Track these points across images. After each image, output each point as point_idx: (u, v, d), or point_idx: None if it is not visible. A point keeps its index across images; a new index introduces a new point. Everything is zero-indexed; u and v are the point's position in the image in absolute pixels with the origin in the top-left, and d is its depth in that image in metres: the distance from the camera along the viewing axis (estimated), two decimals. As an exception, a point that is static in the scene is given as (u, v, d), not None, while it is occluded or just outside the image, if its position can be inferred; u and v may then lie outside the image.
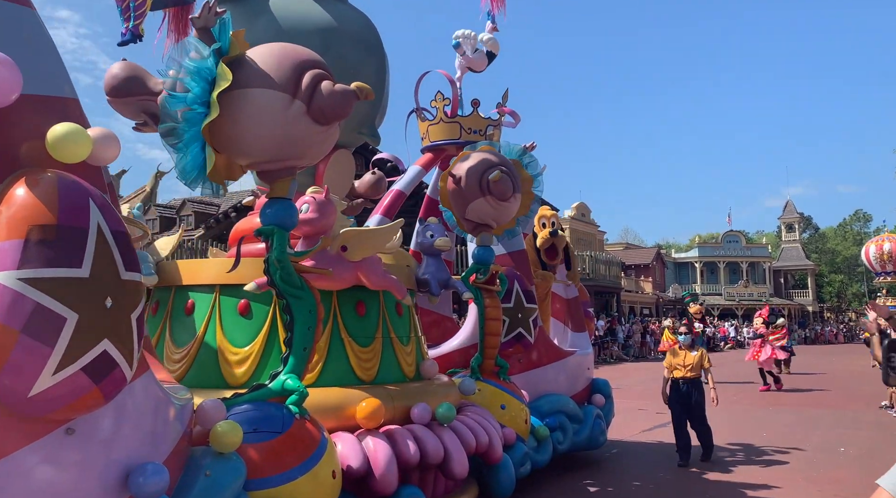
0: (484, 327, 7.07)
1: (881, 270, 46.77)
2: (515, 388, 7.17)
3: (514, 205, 6.71)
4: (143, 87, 4.12)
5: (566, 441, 7.80)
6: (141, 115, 4.23)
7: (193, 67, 4.07)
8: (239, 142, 4.30)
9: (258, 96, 4.19)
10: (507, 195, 6.55)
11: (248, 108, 4.17)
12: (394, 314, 5.95)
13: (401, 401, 5.50)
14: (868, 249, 47.84)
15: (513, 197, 6.62)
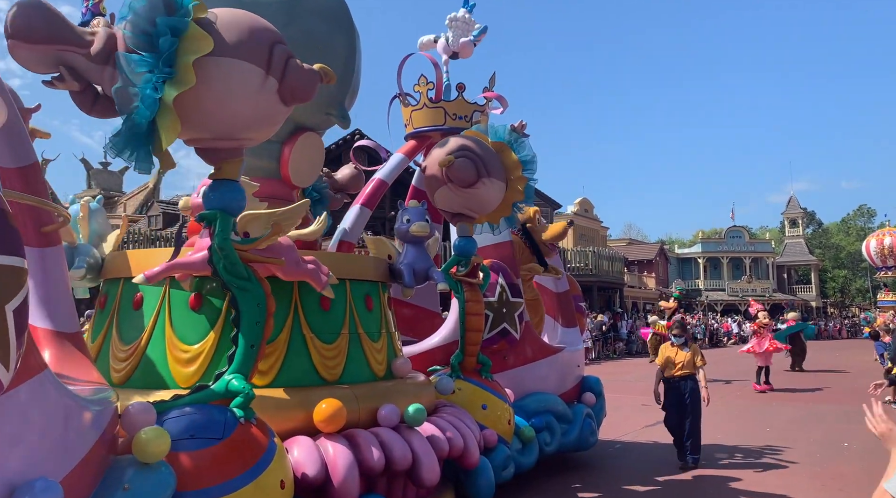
0: (465, 323, 6.58)
1: (882, 265, 45.98)
2: (498, 386, 6.68)
3: (484, 192, 6.15)
4: (68, 36, 3.56)
5: (554, 442, 7.31)
6: (58, 68, 3.66)
7: (165, 25, 3.55)
8: (203, 115, 3.81)
9: (233, 68, 3.76)
10: (469, 181, 6.03)
11: (221, 79, 3.74)
12: (363, 308, 5.46)
13: (367, 402, 5.02)
14: (868, 243, 47.06)
15: (480, 183, 6.08)
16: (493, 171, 6.11)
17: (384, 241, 6.39)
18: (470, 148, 6.08)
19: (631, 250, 53.14)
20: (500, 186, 6.22)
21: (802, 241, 60.70)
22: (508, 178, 6.45)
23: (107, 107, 3.83)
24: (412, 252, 6.12)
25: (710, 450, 8.93)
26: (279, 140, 5.70)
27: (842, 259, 68.46)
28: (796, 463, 8.19)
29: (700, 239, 59.57)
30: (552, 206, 42.27)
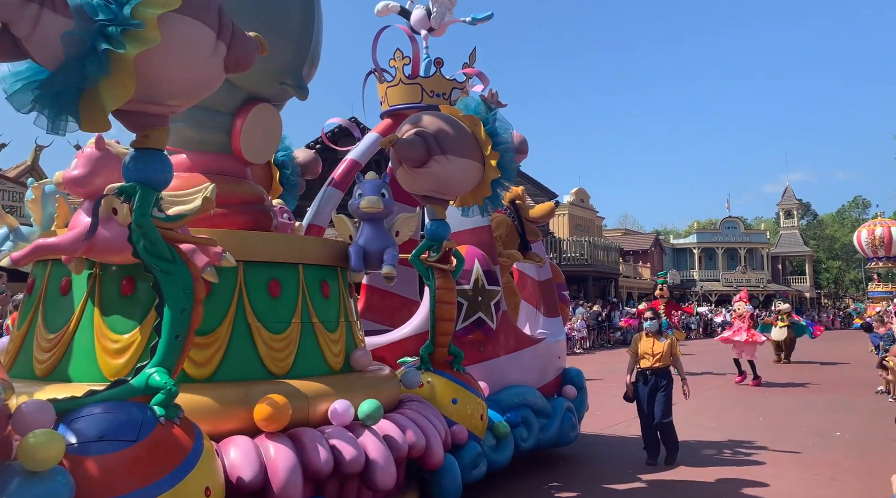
0: (435, 311, 6.07)
1: (873, 256, 45.45)
2: (471, 379, 6.19)
3: (439, 170, 5.57)
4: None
5: (531, 438, 6.82)
6: None
7: None
8: (146, 77, 3.30)
9: (189, 28, 3.34)
10: (416, 160, 5.49)
11: (177, 39, 3.32)
12: (317, 295, 4.95)
13: (318, 398, 4.52)
14: (860, 233, 46.49)
15: (433, 161, 5.54)
16: (452, 149, 5.52)
17: (344, 220, 5.86)
18: (424, 124, 5.57)
19: (626, 240, 52.64)
20: (465, 164, 5.65)
21: (797, 232, 60.16)
22: (485, 156, 5.91)
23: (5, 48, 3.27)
24: (367, 231, 5.50)
25: (702, 439, 8.83)
26: (229, 111, 5.18)
27: (836, 250, 67.93)
28: (789, 452, 8.12)
29: (695, 229, 58.98)
30: (548, 196, 41.60)
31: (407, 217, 5.97)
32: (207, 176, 5.12)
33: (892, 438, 8.84)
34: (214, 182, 5.06)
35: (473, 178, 5.74)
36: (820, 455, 7.98)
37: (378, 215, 5.49)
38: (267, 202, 5.49)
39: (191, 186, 5.02)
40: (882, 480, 6.47)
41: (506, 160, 5.81)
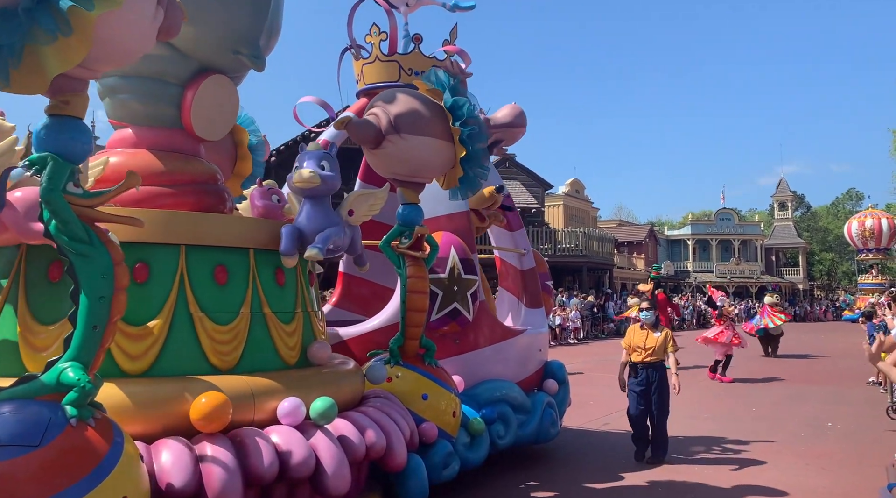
0: (406, 302, 5.64)
1: (863, 247, 45.06)
2: (444, 374, 5.76)
3: (395, 151, 5.13)
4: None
5: (508, 435, 6.40)
6: None
7: None
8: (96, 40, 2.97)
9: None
10: (368, 140, 5.08)
11: None
12: (271, 283, 4.51)
13: (266, 395, 4.09)
14: (850, 225, 46.05)
15: (387, 141, 5.09)
16: (408, 127, 5.06)
17: (293, 199, 5.38)
18: (382, 102, 5.14)
19: (621, 231, 52.20)
20: (425, 143, 5.17)
21: (791, 224, 59.72)
22: None
23: None
24: (307, 210, 4.79)
25: (694, 430, 8.73)
26: (180, 83, 4.71)
27: (829, 242, 67.54)
28: (781, 442, 8.08)
29: (690, 221, 58.41)
30: (543, 187, 41.21)
31: (362, 193, 5.19)
32: (155, 152, 4.69)
33: (884, 428, 8.75)
34: (163, 159, 4.66)
35: (442, 158, 5.27)
36: (812, 445, 7.90)
37: (317, 191, 4.72)
38: (221, 183, 5.03)
39: (137, 165, 4.60)
40: (874, 470, 6.42)
41: (471, 136, 5.22)
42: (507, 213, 7.60)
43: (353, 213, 5.07)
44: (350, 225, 5.01)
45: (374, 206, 5.20)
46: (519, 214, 7.82)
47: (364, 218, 5.22)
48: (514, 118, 6.10)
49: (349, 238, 4.97)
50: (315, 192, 4.73)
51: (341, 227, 4.86)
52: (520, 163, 40.35)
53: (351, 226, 5.02)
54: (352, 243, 5.05)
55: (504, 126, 5.74)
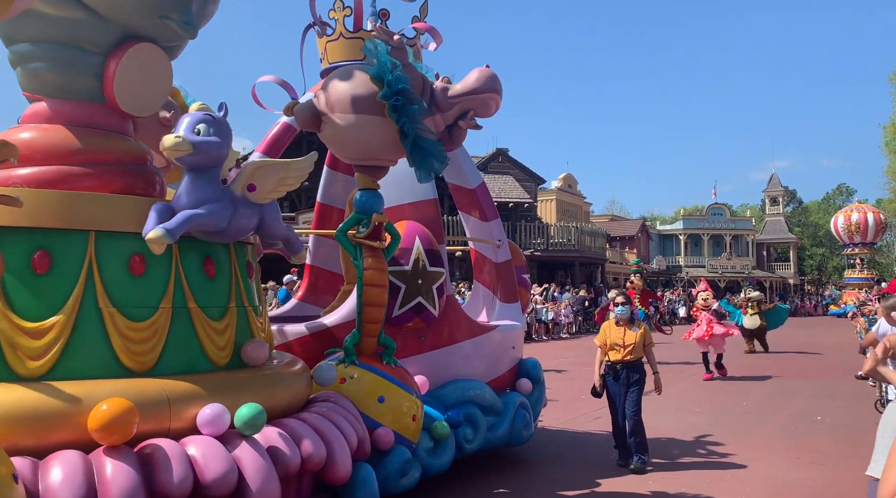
0: (362, 296, 5.10)
1: (849, 242, 44.64)
2: (404, 374, 5.22)
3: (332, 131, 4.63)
4: None
5: (477, 438, 5.87)
6: None
7: None
8: None
9: None
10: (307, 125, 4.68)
11: None
12: (197, 274, 3.96)
13: (185, 401, 3.56)
14: (836, 219, 45.58)
15: (323, 123, 4.58)
16: (341, 105, 4.56)
17: None
18: (329, 80, 4.61)
19: (613, 226, 51.66)
20: (360, 121, 4.59)
21: (782, 219, 59.20)
22: None
23: None
24: (185, 184, 3.99)
25: (684, 424, 8.63)
26: (101, 51, 4.16)
27: (820, 237, 67.08)
28: (771, 436, 7.99)
29: (682, 216, 57.81)
30: (536, 182, 40.69)
31: (263, 164, 4.21)
32: (72, 128, 4.13)
33: (873, 421, 8.33)
34: (81, 136, 4.11)
35: (384, 137, 4.68)
36: (801, 439, 7.80)
37: (193, 161, 3.86)
38: (151, 164, 4.48)
39: (49, 141, 4.06)
40: (863, 463, 6.25)
41: (398, 108, 4.47)
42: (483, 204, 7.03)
43: (256, 188, 4.07)
44: (253, 203, 4.10)
45: (287, 180, 4.21)
46: (494, 204, 7.26)
47: (276, 193, 4.24)
48: (480, 83, 4.74)
49: (250, 219, 4.06)
50: (192, 163, 3.94)
51: (225, 204, 3.91)
52: (512, 157, 39.83)
53: (254, 204, 4.11)
54: (262, 226, 4.19)
55: (469, 94, 4.68)
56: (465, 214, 7.29)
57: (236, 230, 4.01)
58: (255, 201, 4.08)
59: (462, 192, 7.15)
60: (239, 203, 4.00)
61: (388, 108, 4.46)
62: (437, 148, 4.64)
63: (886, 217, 47.80)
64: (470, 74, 4.66)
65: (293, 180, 4.17)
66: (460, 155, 6.99)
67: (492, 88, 4.69)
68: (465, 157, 6.99)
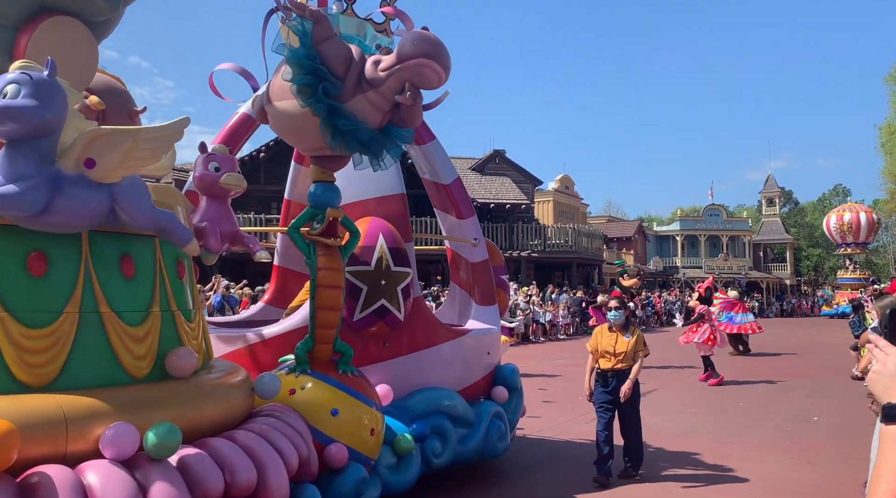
0: (315, 298, 4.60)
1: (841, 241, 44.00)
2: (363, 384, 4.72)
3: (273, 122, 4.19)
4: None
5: (446, 452, 5.36)
6: None
7: None
8: None
9: None
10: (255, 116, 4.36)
11: None
12: (113, 274, 3.44)
13: (86, 420, 3.04)
14: (829, 219, 44.95)
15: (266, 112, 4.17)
16: (277, 92, 4.15)
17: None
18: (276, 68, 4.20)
19: (610, 227, 51.13)
20: (291, 107, 4.14)
21: (779, 219, 58.62)
22: None
23: None
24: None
25: (680, 424, 8.56)
26: (12, 24, 3.67)
27: (816, 238, 66.42)
28: (767, 436, 7.94)
29: (679, 217, 57.23)
30: (533, 183, 40.19)
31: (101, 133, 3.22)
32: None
33: (868, 422, 8.28)
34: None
35: (309, 123, 4.16)
36: (798, 439, 7.77)
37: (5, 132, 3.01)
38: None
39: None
40: (859, 463, 6.17)
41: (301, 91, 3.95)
42: None
43: (95, 163, 3.17)
44: (95, 184, 3.19)
45: (138, 153, 3.24)
46: (470, 200, 6.75)
47: (125, 169, 3.28)
48: (409, 48, 3.90)
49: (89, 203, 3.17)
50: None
51: (37, 183, 3.02)
52: (509, 159, 39.36)
53: (98, 185, 3.20)
54: (116, 212, 3.29)
55: (399, 62, 3.91)
56: (440, 212, 6.79)
57: (68, 216, 3.11)
58: (97, 180, 3.16)
59: (436, 188, 6.65)
60: (67, 183, 3.08)
61: (295, 89, 3.99)
62: (365, 131, 4.12)
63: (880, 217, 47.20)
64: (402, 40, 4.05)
65: (148, 152, 3.26)
66: (433, 149, 6.50)
67: (424, 53, 3.88)
68: (438, 151, 6.49)
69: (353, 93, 4.04)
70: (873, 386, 1.71)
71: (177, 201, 4.11)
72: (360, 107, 4.06)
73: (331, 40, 4.03)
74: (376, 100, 4.06)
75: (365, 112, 4.09)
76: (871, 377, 1.71)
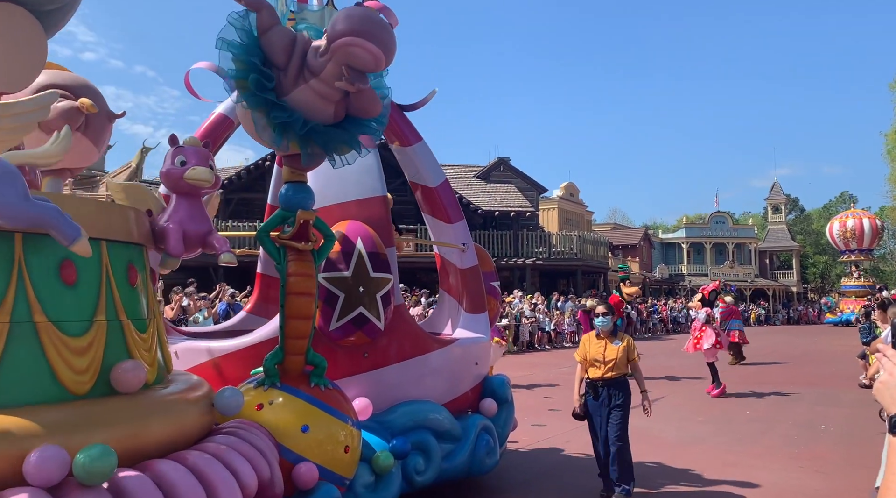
0: (285, 307, 4.27)
1: (845, 248, 43.29)
2: (337, 398, 4.37)
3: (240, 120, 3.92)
4: None
5: (430, 469, 5.00)
6: None
7: None
8: None
9: None
10: None
11: None
12: (52, 281, 3.12)
13: (11, 442, 2.72)
14: (832, 225, 44.26)
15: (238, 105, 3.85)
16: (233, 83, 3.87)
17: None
18: None
19: (616, 235, 50.69)
20: None
21: (785, 227, 57.97)
22: None
23: None
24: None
25: (688, 433, 8.45)
26: (-54, 15, 3.37)
27: (823, 245, 65.70)
28: (775, 445, 7.83)
29: (684, 224, 56.71)
30: (538, 191, 39.85)
31: None
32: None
33: (876, 430, 8.21)
34: None
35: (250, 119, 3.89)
36: (806, 448, 7.68)
37: None
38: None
39: None
40: (867, 472, 6.06)
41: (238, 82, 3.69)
42: None
43: None
44: None
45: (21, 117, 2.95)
46: (458, 204, 6.41)
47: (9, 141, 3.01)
48: (343, 26, 3.53)
49: None
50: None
51: None
52: (514, 167, 39.07)
53: None
54: None
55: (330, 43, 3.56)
56: (428, 217, 6.46)
57: None
58: None
59: (423, 191, 6.32)
60: None
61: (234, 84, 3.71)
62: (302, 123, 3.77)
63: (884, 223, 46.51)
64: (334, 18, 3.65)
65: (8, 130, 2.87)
66: (419, 150, 6.18)
67: (352, 30, 3.47)
68: (423, 152, 6.17)
69: (294, 83, 3.72)
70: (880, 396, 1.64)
71: (146, 200, 3.80)
72: (305, 98, 3.74)
73: (273, 29, 3.72)
74: (320, 88, 3.72)
75: (311, 103, 3.76)
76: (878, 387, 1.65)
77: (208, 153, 4.03)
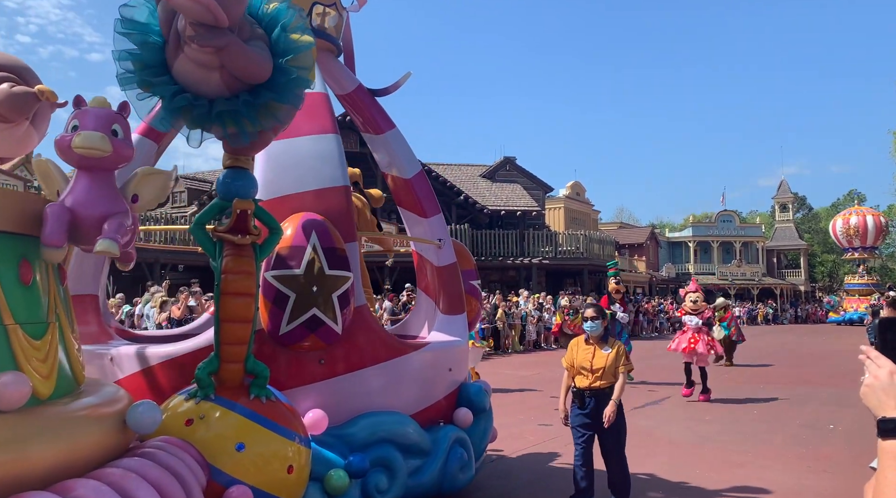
0: (220, 309, 3.71)
1: (848, 246, 42.20)
2: (281, 411, 3.80)
3: None
4: None
5: (394, 487, 4.42)
6: None
7: None
8: None
9: None
10: None
11: None
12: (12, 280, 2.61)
13: None
14: (835, 223, 43.17)
15: None
16: None
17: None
18: None
19: (622, 234, 49.85)
20: None
21: (792, 225, 56.86)
22: None
23: None
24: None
25: (695, 433, 8.24)
26: None
27: (830, 244, 64.53)
28: (783, 445, 7.64)
29: (691, 223, 55.70)
30: (544, 190, 39.20)
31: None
32: None
33: None
34: None
35: None
36: (814, 448, 7.48)
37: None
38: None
39: None
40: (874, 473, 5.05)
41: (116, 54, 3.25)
42: None
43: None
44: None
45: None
46: (435, 197, 5.83)
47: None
48: None
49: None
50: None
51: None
52: (520, 166, 38.46)
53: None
54: None
55: None
56: (403, 210, 5.90)
57: None
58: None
59: (397, 183, 5.76)
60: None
61: None
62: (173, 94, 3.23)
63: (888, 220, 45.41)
64: None
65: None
66: (392, 138, 5.62)
67: None
68: (396, 140, 5.61)
69: (174, 54, 3.21)
70: (867, 400, 1.59)
71: (52, 178, 3.28)
72: (184, 68, 3.23)
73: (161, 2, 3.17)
74: (193, 55, 3.17)
75: (190, 73, 3.23)
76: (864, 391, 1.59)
77: (114, 115, 3.36)
